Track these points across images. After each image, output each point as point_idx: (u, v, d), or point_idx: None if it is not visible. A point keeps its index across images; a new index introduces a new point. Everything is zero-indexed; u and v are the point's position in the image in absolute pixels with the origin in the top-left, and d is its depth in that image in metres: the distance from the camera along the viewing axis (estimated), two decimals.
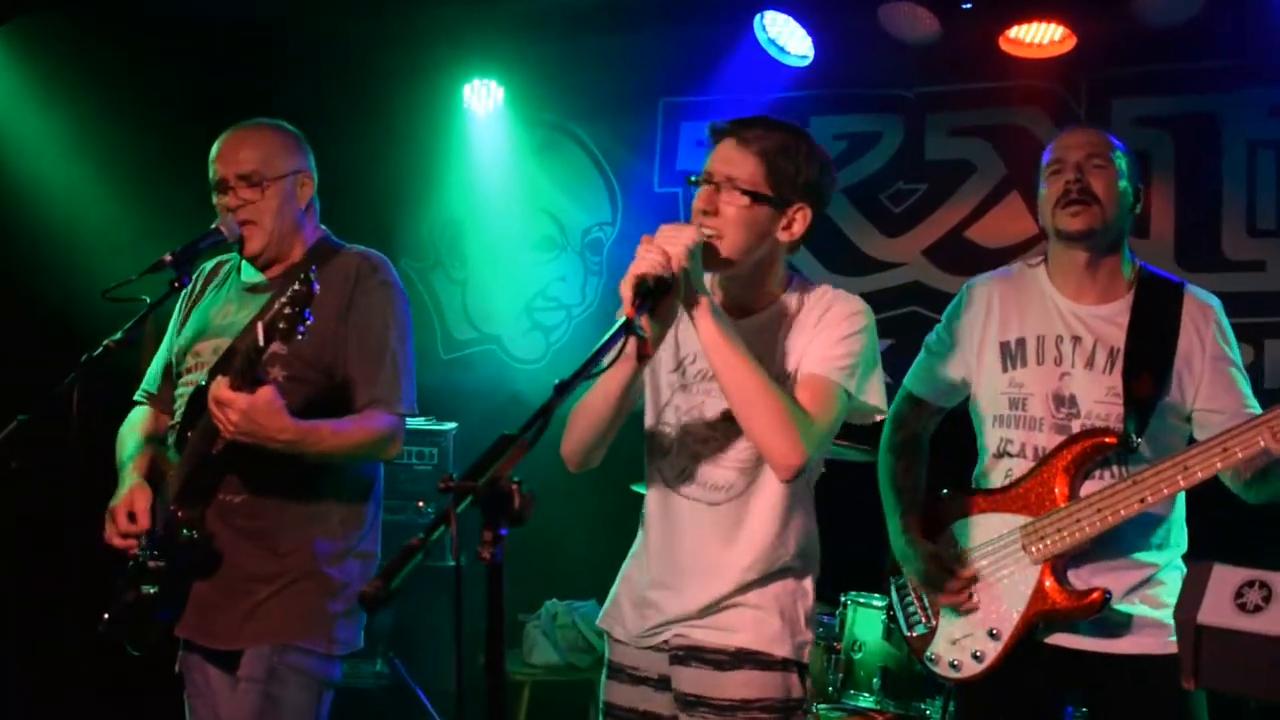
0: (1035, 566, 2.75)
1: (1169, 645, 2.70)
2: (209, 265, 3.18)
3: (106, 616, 2.91)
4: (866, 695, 4.10)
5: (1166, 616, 2.73)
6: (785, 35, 5.41)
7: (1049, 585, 2.73)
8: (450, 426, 5.44)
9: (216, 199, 2.98)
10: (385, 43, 5.71)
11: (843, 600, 4.25)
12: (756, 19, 5.36)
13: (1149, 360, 2.78)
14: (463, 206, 6.23)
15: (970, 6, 4.99)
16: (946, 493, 2.97)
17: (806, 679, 2.56)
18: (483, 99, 6.08)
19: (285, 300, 2.53)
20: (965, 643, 2.82)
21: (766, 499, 2.52)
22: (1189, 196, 5.05)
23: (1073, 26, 5.02)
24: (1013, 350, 2.89)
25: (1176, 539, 2.85)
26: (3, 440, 2.72)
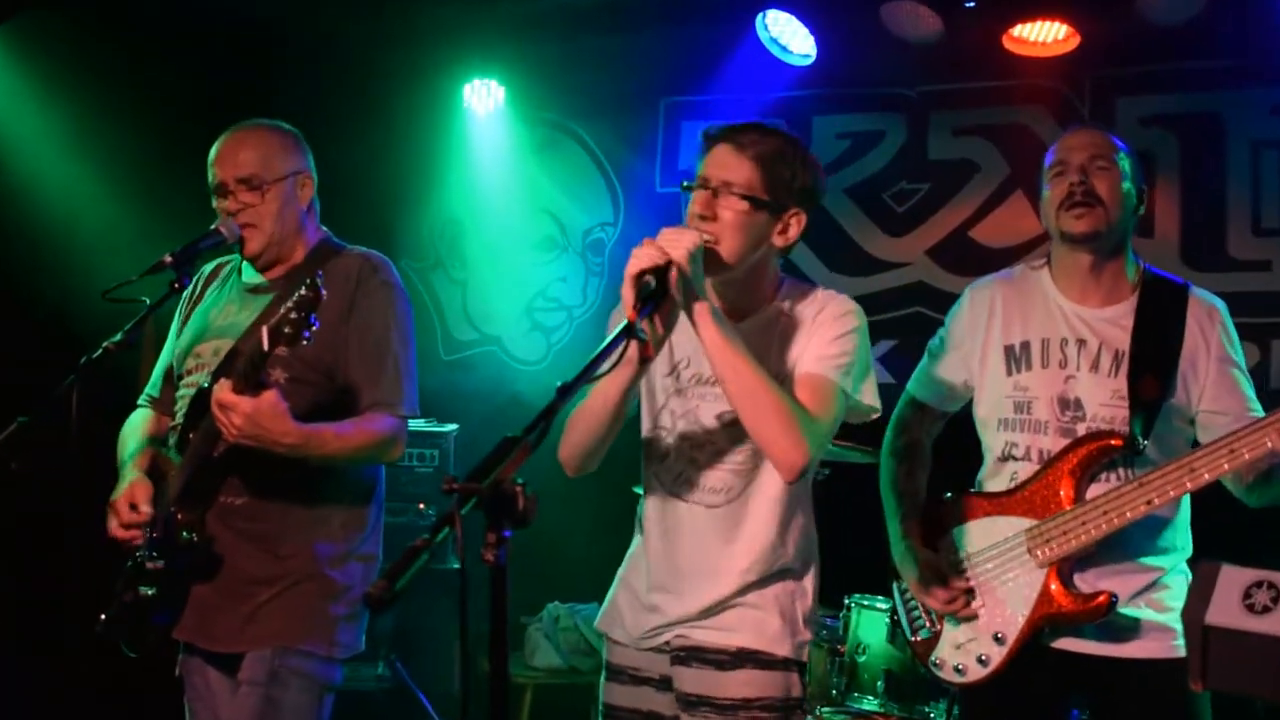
0: (1041, 570, 2.74)
1: (1174, 649, 2.71)
2: (209, 267, 3.17)
3: (104, 617, 2.91)
4: (870, 698, 4.09)
5: (1171, 620, 2.73)
6: (787, 34, 5.40)
7: (1054, 589, 2.72)
8: (451, 428, 5.44)
9: (216, 203, 2.97)
10: (385, 42, 5.71)
11: (846, 602, 4.24)
12: (758, 18, 5.35)
13: (1154, 362, 2.77)
14: (463, 207, 6.23)
15: (973, 5, 4.99)
16: (950, 496, 2.97)
17: (804, 678, 2.59)
18: (483, 98, 6.08)
19: (291, 305, 2.51)
20: (970, 647, 2.82)
21: (765, 500, 2.55)
22: (1194, 196, 5.05)
23: (1076, 25, 5.02)
24: (1017, 354, 2.89)
25: (1181, 542, 2.84)
26: (2, 442, 2.72)
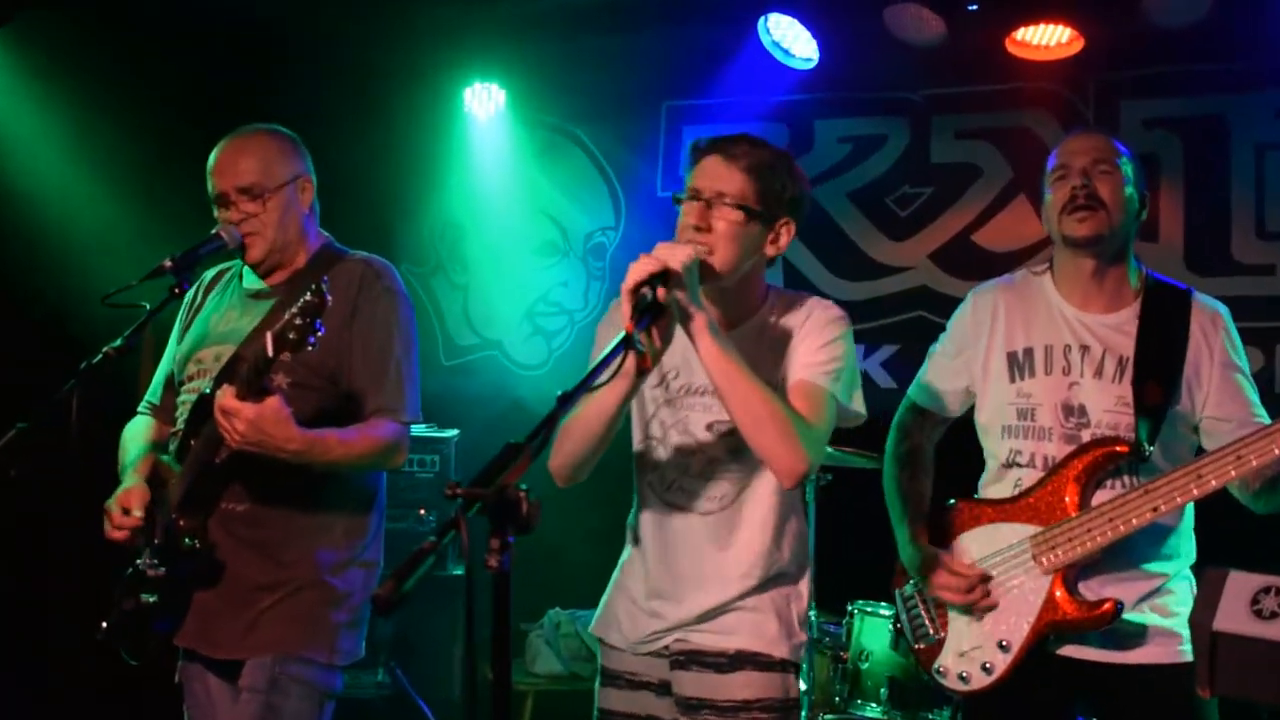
0: (1046, 577, 2.75)
1: (1180, 654, 2.72)
2: (210, 273, 3.17)
3: (104, 625, 2.91)
4: (873, 705, 4.10)
5: (1177, 625, 2.74)
6: (790, 38, 5.41)
7: (1060, 596, 2.72)
8: (452, 433, 5.44)
9: (218, 213, 2.96)
10: (385, 45, 5.72)
11: (850, 609, 4.25)
12: (761, 21, 5.36)
13: (1158, 368, 2.78)
14: (464, 210, 6.24)
15: (976, 8, 5.00)
16: (953, 503, 2.97)
17: (800, 679, 2.64)
18: (484, 102, 6.09)
19: (296, 310, 2.51)
20: (974, 654, 2.82)
21: (759, 506, 2.60)
22: (1198, 199, 5.06)
23: (1080, 28, 5.03)
24: (1020, 360, 2.89)
25: (1185, 549, 2.85)
26: (2, 448, 2.71)
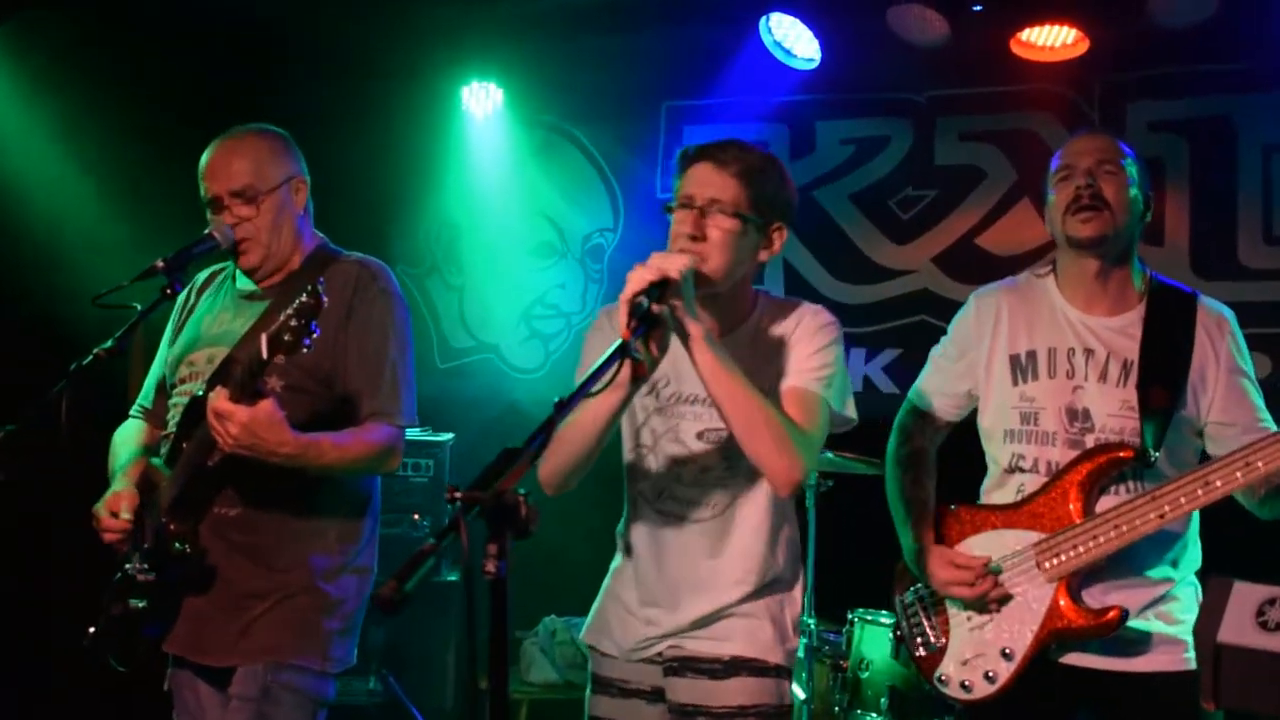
0: (1050, 584, 2.74)
1: (1184, 661, 2.72)
2: (203, 275, 3.16)
3: (92, 631, 2.90)
4: (874, 715, 4.09)
5: (1181, 633, 2.74)
6: (791, 37, 5.41)
7: (1064, 604, 2.72)
8: (447, 437, 5.44)
9: (211, 218, 2.94)
10: (382, 44, 5.71)
11: (850, 617, 4.24)
12: (762, 21, 5.36)
13: (1163, 372, 2.78)
14: (460, 211, 6.24)
15: (981, 9, 5.00)
16: (954, 508, 2.96)
17: (793, 686, 2.68)
18: (481, 101, 6.09)
19: (292, 312, 2.50)
20: (977, 663, 2.82)
21: (752, 512, 2.62)
22: (1204, 203, 5.06)
23: (1085, 29, 5.03)
24: (1023, 363, 2.89)
25: (1191, 555, 2.85)
26: None
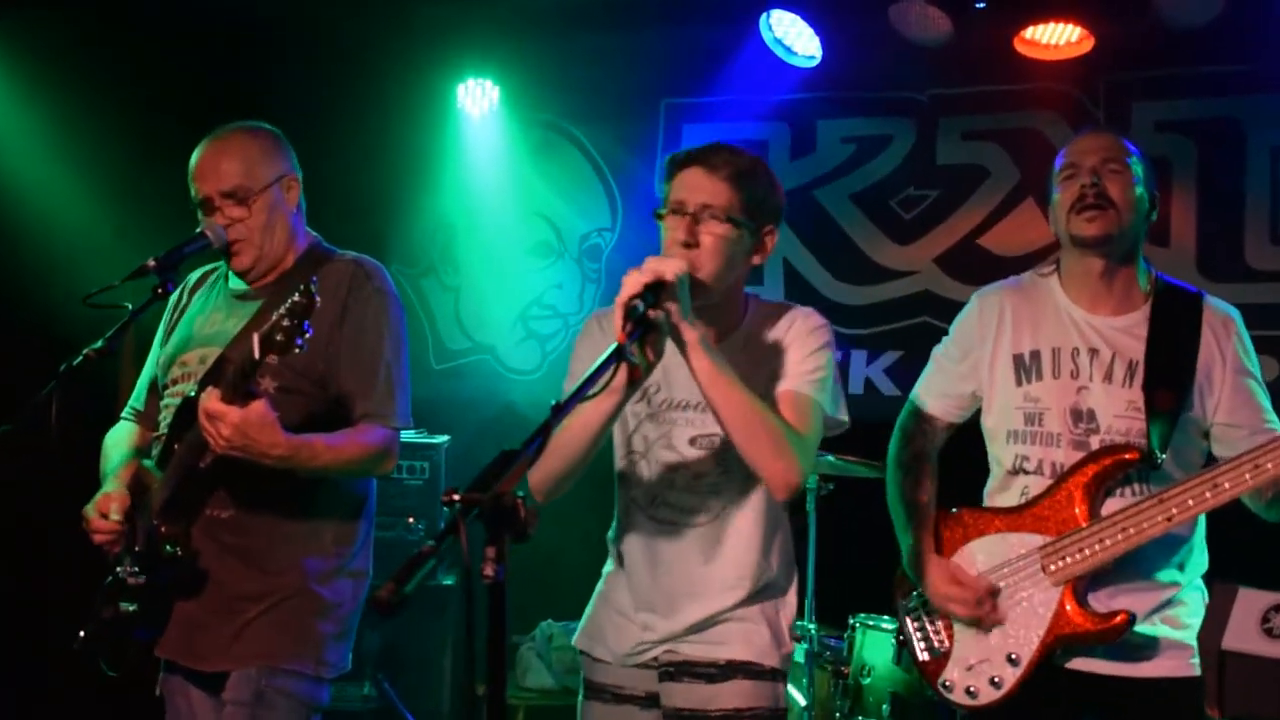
0: (1056, 588, 2.74)
1: (1191, 667, 2.71)
2: (195, 275, 3.14)
3: (82, 634, 2.89)
4: None
5: (1188, 638, 2.74)
6: (792, 35, 5.41)
7: (1070, 608, 2.71)
8: (442, 440, 5.43)
9: (203, 219, 2.92)
10: (376, 40, 5.71)
11: (851, 622, 4.24)
12: (763, 18, 5.36)
13: (1170, 373, 2.78)
14: (456, 211, 6.23)
15: (984, 6, 5.00)
16: (956, 511, 2.96)
17: (788, 689, 2.71)
18: (477, 99, 6.08)
19: (284, 311, 2.49)
20: (982, 668, 2.81)
21: (746, 517, 2.64)
22: (1211, 204, 5.06)
23: (1090, 27, 5.03)
24: (1027, 363, 2.89)
25: (1198, 559, 2.84)
26: None
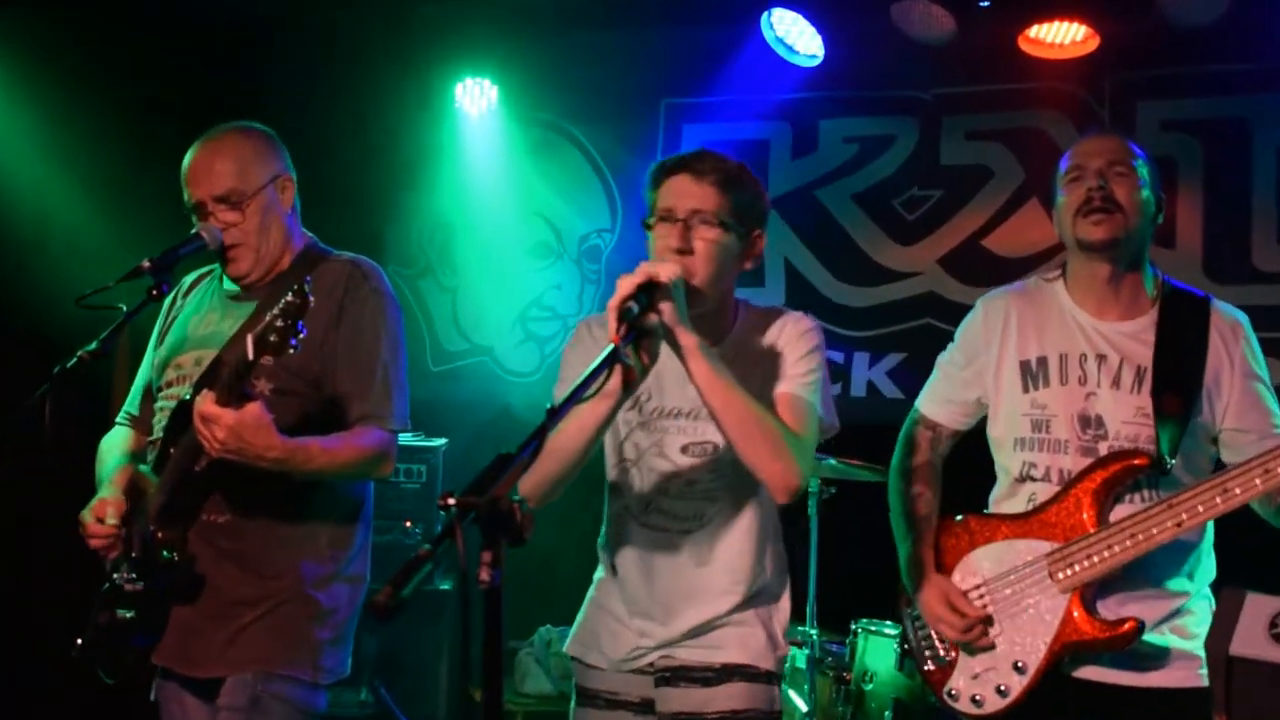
0: (1063, 596, 2.74)
1: (1199, 677, 2.71)
2: (190, 278, 3.14)
3: (80, 641, 2.88)
4: None
5: (1196, 647, 2.73)
6: (794, 34, 5.42)
7: (1078, 615, 2.71)
8: (440, 442, 5.44)
9: (198, 223, 2.92)
10: (374, 39, 5.71)
11: (853, 628, 4.24)
12: (764, 16, 5.37)
13: (1178, 378, 2.78)
14: (454, 211, 6.23)
15: (988, 4, 5.00)
16: (962, 518, 2.96)
17: (782, 692, 2.75)
18: (475, 98, 6.09)
19: (278, 312, 2.50)
20: (988, 677, 2.81)
21: (739, 522, 2.67)
22: (1217, 205, 5.06)
23: (1095, 26, 5.04)
24: (1033, 369, 2.89)
25: (1206, 566, 2.85)
26: None
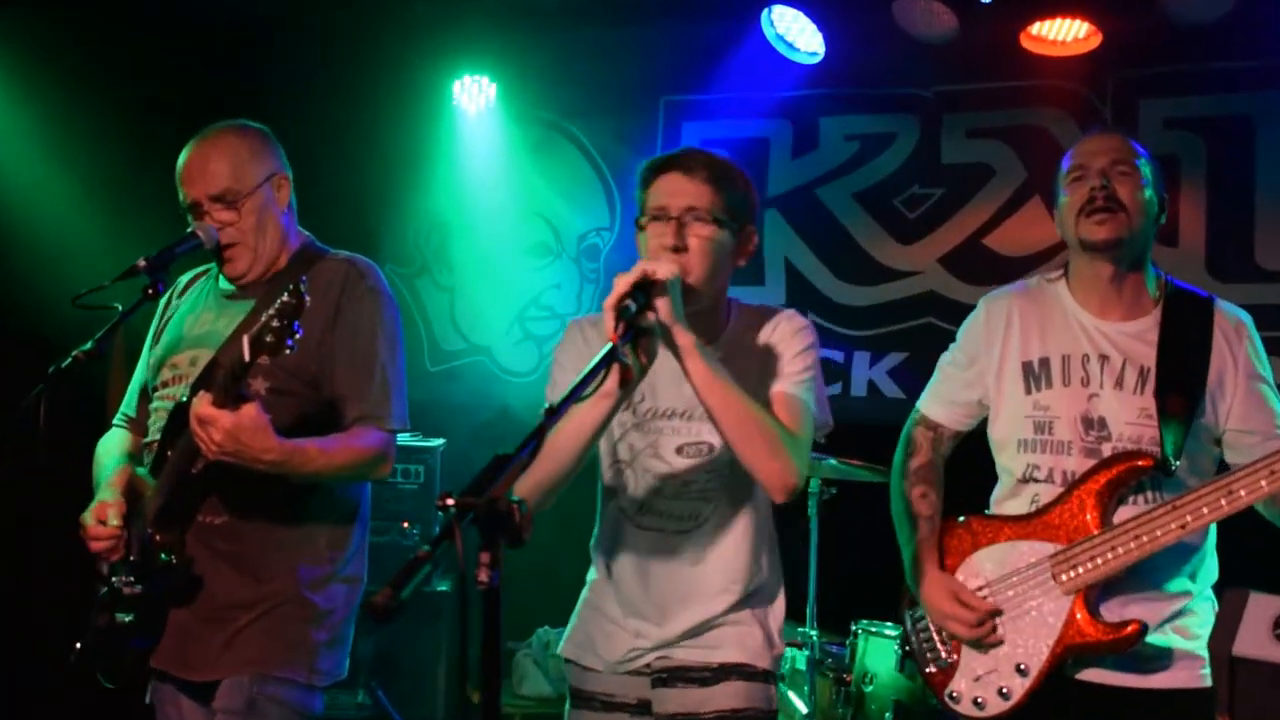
0: (1066, 597, 2.74)
1: (1202, 678, 2.73)
2: (185, 278, 3.14)
3: (78, 646, 2.89)
4: None
5: (1199, 648, 2.74)
6: (794, 31, 5.43)
7: (1081, 617, 2.71)
8: (437, 443, 5.44)
9: (193, 223, 2.91)
10: (370, 36, 5.72)
11: (853, 629, 4.24)
12: (764, 13, 5.38)
13: (1182, 379, 2.78)
14: (451, 209, 6.24)
15: (990, 1, 5.01)
16: (964, 519, 2.96)
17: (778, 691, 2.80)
18: (473, 96, 6.09)
19: (273, 312, 2.49)
20: (990, 679, 2.81)
21: (735, 522, 2.69)
22: (1221, 203, 5.06)
23: (1098, 23, 5.04)
24: (1036, 371, 2.89)
25: (1209, 568, 2.85)
26: None
